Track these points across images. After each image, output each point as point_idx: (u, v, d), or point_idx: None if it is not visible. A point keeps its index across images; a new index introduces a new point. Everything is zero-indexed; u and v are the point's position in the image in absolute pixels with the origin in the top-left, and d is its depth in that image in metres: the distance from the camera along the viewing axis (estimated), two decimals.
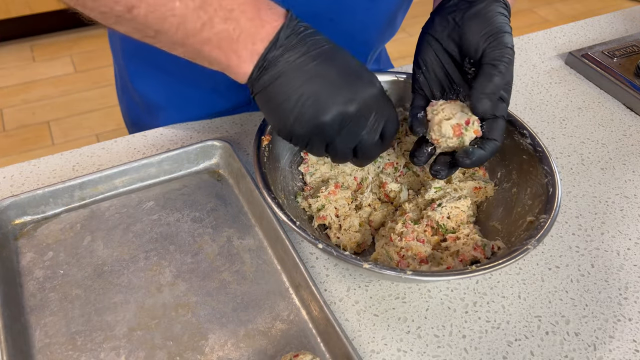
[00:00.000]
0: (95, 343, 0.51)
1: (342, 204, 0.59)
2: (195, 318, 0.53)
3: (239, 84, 0.72)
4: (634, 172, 0.73)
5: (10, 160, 1.91)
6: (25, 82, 2.25)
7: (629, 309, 0.57)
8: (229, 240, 0.60)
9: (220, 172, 0.68)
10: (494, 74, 0.49)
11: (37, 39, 2.48)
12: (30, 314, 0.53)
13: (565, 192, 0.69)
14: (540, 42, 0.96)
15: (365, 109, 0.48)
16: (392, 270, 0.47)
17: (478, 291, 0.58)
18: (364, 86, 0.48)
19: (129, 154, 0.69)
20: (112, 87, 2.27)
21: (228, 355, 0.51)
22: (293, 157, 0.63)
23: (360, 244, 0.58)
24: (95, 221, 0.61)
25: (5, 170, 0.66)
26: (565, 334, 0.55)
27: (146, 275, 0.56)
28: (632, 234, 0.65)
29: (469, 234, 0.57)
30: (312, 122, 0.47)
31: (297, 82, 0.46)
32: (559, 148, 0.76)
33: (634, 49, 0.90)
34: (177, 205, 0.63)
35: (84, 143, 1.97)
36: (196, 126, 0.74)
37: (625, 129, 0.79)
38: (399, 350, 0.52)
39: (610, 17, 1.03)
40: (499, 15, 0.52)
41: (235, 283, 0.56)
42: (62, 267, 0.56)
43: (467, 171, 0.64)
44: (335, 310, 0.55)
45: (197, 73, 0.72)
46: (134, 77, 0.78)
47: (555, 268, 0.60)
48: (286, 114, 0.47)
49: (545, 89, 0.86)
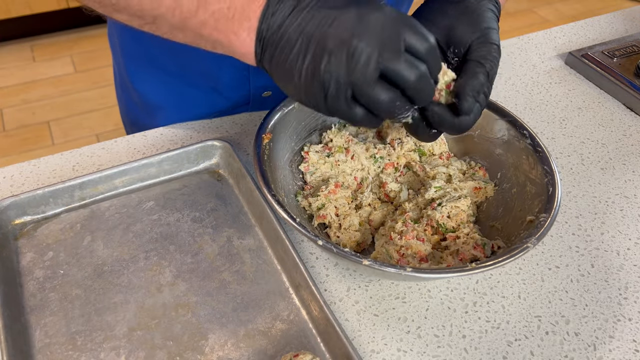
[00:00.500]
0: (95, 343, 0.51)
1: (342, 203, 0.59)
2: (195, 318, 0.53)
3: (239, 84, 0.73)
4: (634, 172, 0.73)
5: (10, 160, 1.92)
6: (25, 82, 2.25)
7: (629, 309, 0.57)
8: (229, 240, 0.60)
9: (220, 172, 0.68)
10: (480, 72, 0.49)
11: (37, 39, 2.48)
12: (30, 314, 0.53)
13: (565, 192, 0.69)
14: (540, 42, 0.96)
15: (361, 36, 0.41)
16: (392, 267, 0.47)
17: (478, 291, 0.58)
18: (359, 13, 0.42)
19: (129, 154, 0.69)
20: (112, 87, 2.26)
21: (228, 355, 0.51)
22: (293, 156, 0.63)
23: (360, 243, 0.58)
24: (95, 221, 0.61)
25: (5, 170, 0.66)
26: (565, 334, 0.55)
27: (146, 275, 0.57)
28: (632, 234, 0.65)
29: (468, 233, 0.57)
30: (316, 71, 0.43)
31: (294, 39, 0.43)
32: (559, 148, 0.76)
33: (634, 49, 0.90)
34: (177, 205, 0.63)
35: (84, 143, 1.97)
36: (196, 126, 0.74)
37: (625, 129, 0.79)
38: (399, 350, 0.52)
39: (610, 17, 1.03)
40: (488, 11, 0.52)
41: (235, 283, 0.56)
42: (62, 267, 0.56)
43: (467, 171, 0.64)
44: (335, 310, 0.55)
45: (197, 73, 0.72)
46: (134, 76, 0.77)
47: (555, 268, 0.60)
48: (293, 73, 0.44)
49: (545, 89, 0.86)
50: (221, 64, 0.70)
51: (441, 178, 0.62)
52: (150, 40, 0.71)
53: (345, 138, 0.64)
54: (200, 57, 0.70)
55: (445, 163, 0.64)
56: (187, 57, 0.70)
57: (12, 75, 2.28)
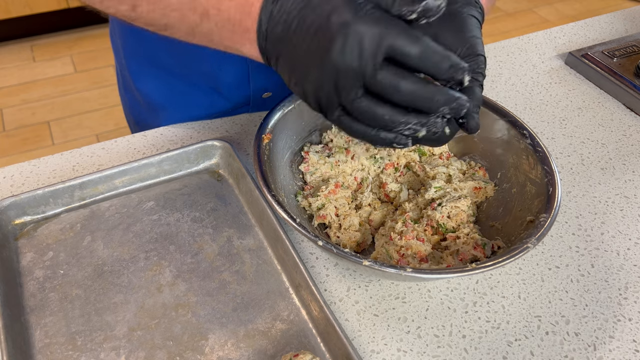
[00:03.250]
0: (95, 343, 0.51)
1: (342, 203, 0.59)
2: (195, 318, 0.53)
3: (240, 84, 0.73)
4: (634, 172, 0.73)
5: (10, 160, 1.92)
6: (25, 82, 2.25)
7: (629, 309, 0.57)
8: (229, 240, 0.60)
9: (220, 172, 0.68)
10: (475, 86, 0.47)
11: (37, 39, 2.48)
12: (30, 314, 0.53)
13: (565, 192, 0.69)
14: (540, 42, 0.96)
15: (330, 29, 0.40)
16: (392, 267, 0.47)
17: (478, 291, 0.58)
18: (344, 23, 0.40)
19: (129, 154, 0.69)
20: (112, 87, 2.28)
21: (228, 355, 0.51)
22: (293, 156, 0.63)
23: (360, 243, 0.58)
24: (95, 221, 0.61)
25: (5, 170, 0.66)
26: (565, 334, 0.55)
27: (146, 275, 0.57)
28: (632, 234, 0.65)
29: (469, 233, 0.57)
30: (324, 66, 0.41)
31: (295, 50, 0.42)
32: (559, 148, 0.76)
33: (634, 49, 0.90)
34: (177, 205, 0.63)
35: (84, 143, 1.97)
36: (196, 126, 0.74)
37: (625, 129, 0.79)
38: (399, 350, 0.52)
39: (610, 17, 1.03)
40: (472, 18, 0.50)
41: (235, 283, 0.56)
42: (62, 267, 0.56)
43: (467, 171, 0.64)
44: (335, 310, 0.55)
45: (197, 73, 0.72)
46: (135, 76, 0.78)
47: (555, 268, 0.60)
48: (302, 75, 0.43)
49: (545, 89, 0.86)
50: (221, 64, 0.70)
51: (441, 178, 0.62)
52: (151, 40, 0.71)
53: (346, 138, 0.64)
54: (200, 57, 0.70)
55: (445, 163, 0.64)
56: (187, 57, 0.70)
57: (12, 75, 2.28)
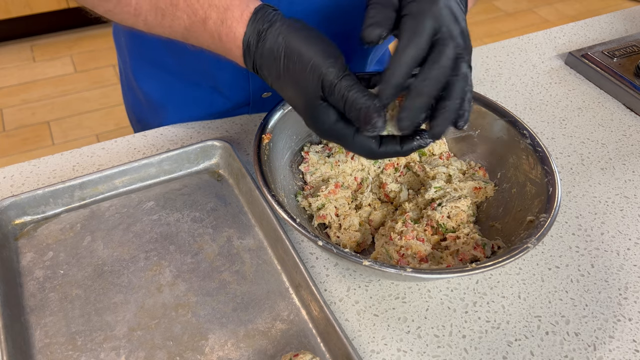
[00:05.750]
0: (95, 343, 0.51)
1: (342, 203, 0.59)
2: (195, 318, 0.53)
3: (239, 84, 0.73)
4: (634, 172, 0.73)
5: (10, 160, 1.92)
6: (25, 82, 2.25)
7: (629, 309, 0.57)
8: (229, 240, 0.60)
9: (220, 172, 0.68)
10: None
11: (37, 39, 2.48)
12: (30, 314, 0.53)
13: (565, 192, 0.69)
14: (540, 42, 0.96)
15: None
16: (392, 267, 0.47)
17: (478, 291, 0.58)
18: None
19: (129, 154, 0.69)
20: (112, 87, 2.28)
21: (228, 355, 0.51)
22: (293, 156, 0.63)
23: (360, 243, 0.58)
24: (95, 221, 0.61)
25: (5, 170, 0.66)
26: (565, 334, 0.55)
27: (146, 275, 0.57)
28: (632, 234, 0.65)
29: (469, 233, 0.57)
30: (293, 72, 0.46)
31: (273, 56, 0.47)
32: (559, 148, 0.76)
33: (634, 49, 0.90)
34: (177, 205, 0.63)
35: (84, 143, 1.97)
36: (196, 126, 0.74)
37: (625, 129, 0.79)
38: (399, 350, 0.52)
39: (610, 17, 1.03)
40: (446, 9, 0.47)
41: (235, 283, 0.56)
42: (62, 267, 0.56)
43: (467, 171, 0.64)
44: (335, 310, 0.55)
45: (197, 72, 0.72)
46: (138, 74, 0.78)
47: (555, 268, 0.60)
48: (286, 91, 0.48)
49: (545, 89, 0.86)
50: (221, 64, 0.70)
51: (441, 178, 0.62)
52: (152, 39, 0.71)
53: None
54: (201, 57, 0.70)
55: (445, 163, 0.64)
56: (188, 56, 0.70)
57: (12, 75, 2.28)
